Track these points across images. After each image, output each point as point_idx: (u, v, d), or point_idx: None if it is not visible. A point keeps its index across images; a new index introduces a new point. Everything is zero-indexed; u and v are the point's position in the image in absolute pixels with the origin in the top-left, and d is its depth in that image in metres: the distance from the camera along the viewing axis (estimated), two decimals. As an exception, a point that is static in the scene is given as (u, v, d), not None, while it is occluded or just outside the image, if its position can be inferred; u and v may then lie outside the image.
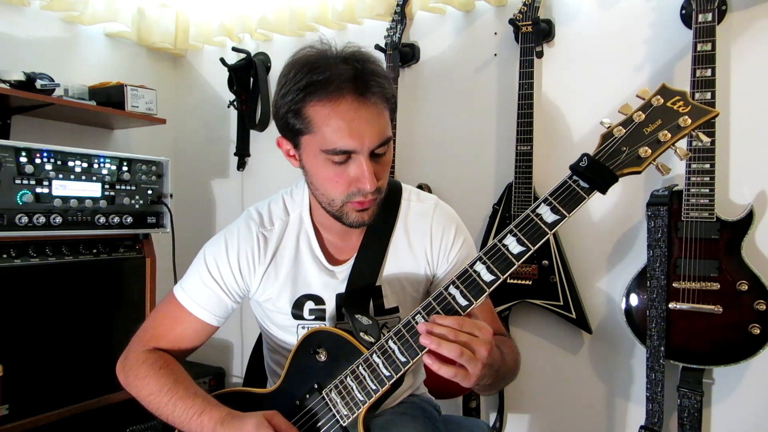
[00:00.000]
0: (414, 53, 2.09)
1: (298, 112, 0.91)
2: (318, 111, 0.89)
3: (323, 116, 0.89)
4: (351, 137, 0.88)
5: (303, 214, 1.09)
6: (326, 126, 0.89)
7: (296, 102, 0.90)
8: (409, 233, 1.09)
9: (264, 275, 1.07)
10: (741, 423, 1.60)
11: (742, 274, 1.46)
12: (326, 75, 0.88)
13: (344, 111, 0.88)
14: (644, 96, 0.81)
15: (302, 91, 0.89)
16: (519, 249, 0.82)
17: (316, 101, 0.89)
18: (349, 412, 0.92)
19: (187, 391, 0.99)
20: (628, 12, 1.75)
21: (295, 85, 0.90)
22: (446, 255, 1.09)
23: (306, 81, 0.89)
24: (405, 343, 0.87)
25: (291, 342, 1.10)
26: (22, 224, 1.59)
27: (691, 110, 0.77)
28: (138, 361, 1.04)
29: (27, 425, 1.61)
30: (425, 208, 1.11)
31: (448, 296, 0.85)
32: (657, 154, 0.78)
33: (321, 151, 0.91)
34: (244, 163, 2.54)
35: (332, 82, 0.87)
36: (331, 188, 0.94)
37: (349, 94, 0.88)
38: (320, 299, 1.07)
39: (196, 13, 2.53)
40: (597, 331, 1.79)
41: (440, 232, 1.09)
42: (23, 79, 1.80)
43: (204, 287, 1.06)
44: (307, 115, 0.90)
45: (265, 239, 1.07)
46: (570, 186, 0.80)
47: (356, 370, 0.92)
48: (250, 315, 1.32)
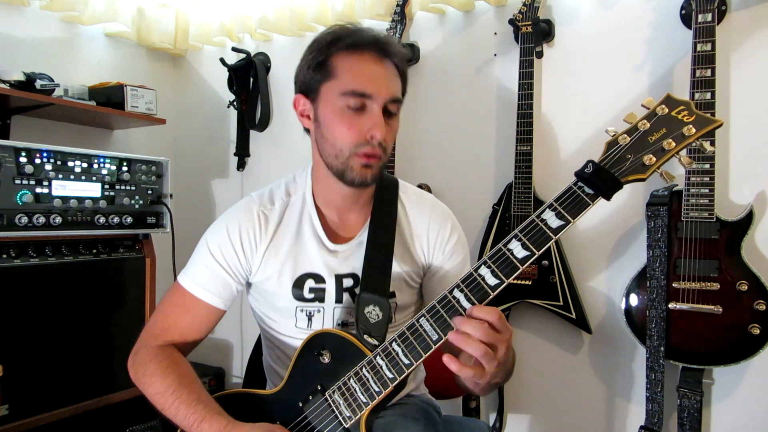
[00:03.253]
0: (414, 53, 2.09)
1: (322, 63, 1.00)
2: (342, 59, 0.99)
3: (347, 63, 0.98)
4: (370, 82, 0.97)
5: (306, 194, 1.12)
6: (348, 71, 0.98)
7: (321, 54, 1.00)
8: (410, 221, 1.13)
9: (265, 253, 1.09)
10: (741, 423, 1.60)
11: (741, 274, 1.46)
12: (352, 33, 1.00)
13: (366, 60, 0.98)
14: (649, 105, 0.82)
15: (328, 44, 1.00)
16: (524, 254, 0.83)
17: (342, 52, 0.99)
18: (351, 414, 0.92)
19: (190, 395, 0.98)
20: (628, 12, 1.75)
21: (321, 43, 1.01)
22: (442, 248, 1.12)
23: (332, 38, 1.00)
24: (409, 346, 0.88)
25: (291, 327, 1.10)
26: (22, 224, 1.59)
27: (696, 119, 0.78)
28: (147, 358, 1.04)
29: (27, 425, 1.61)
30: (423, 199, 1.16)
31: (453, 299, 0.85)
32: (662, 162, 0.79)
33: (340, 94, 0.98)
34: (243, 163, 2.54)
35: (357, 39, 0.99)
36: (342, 136, 0.99)
37: (372, 50, 0.99)
38: (321, 278, 1.08)
39: (196, 13, 2.53)
40: (597, 332, 1.79)
41: (437, 225, 1.13)
42: (23, 79, 1.80)
43: (208, 270, 1.08)
44: (331, 64, 0.99)
45: (266, 217, 1.10)
46: (575, 192, 0.82)
47: (360, 372, 0.92)
48: (250, 315, 1.32)
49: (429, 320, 0.86)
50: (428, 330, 0.86)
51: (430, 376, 1.29)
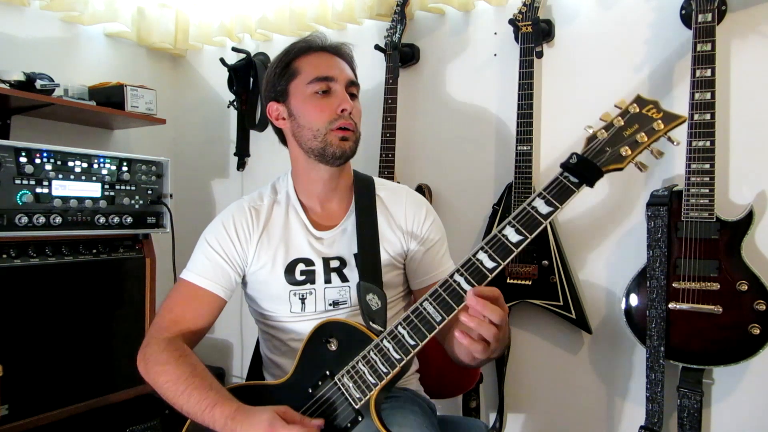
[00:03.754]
0: (414, 53, 2.09)
1: (287, 66, 1.17)
2: (302, 59, 1.17)
3: (306, 60, 1.16)
4: (330, 68, 1.15)
5: (289, 191, 1.25)
6: (309, 65, 1.16)
7: (283, 62, 1.18)
8: (388, 209, 1.24)
9: (258, 243, 1.19)
10: (741, 423, 1.60)
11: (741, 274, 1.46)
12: (306, 39, 1.19)
13: (322, 56, 1.17)
14: (621, 105, 0.91)
15: (287, 53, 1.18)
16: (517, 238, 0.89)
17: (301, 55, 1.17)
18: (361, 395, 0.96)
19: (203, 383, 1.02)
20: (628, 12, 1.75)
21: (281, 57, 1.19)
22: (420, 229, 1.24)
23: (289, 48, 1.19)
24: (414, 328, 0.92)
25: (286, 312, 1.18)
26: (22, 224, 1.59)
27: (663, 116, 0.87)
28: (159, 348, 1.08)
29: (27, 425, 1.61)
30: (398, 189, 1.30)
31: (453, 283, 0.91)
32: (636, 153, 0.88)
33: (307, 84, 1.14)
34: (243, 163, 2.54)
35: (311, 43, 1.18)
36: (317, 118, 1.13)
37: (325, 49, 1.18)
38: (310, 261, 1.19)
39: (196, 13, 2.53)
40: (597, 332, 1.80)
41: (413, 209, 1.25)
42: (23, 79, 1.80)
43: (207, 261, 1.17)
44: (293, 65, 1.17)
45: (256, 211, 1.22)
46: (561, 181, 0.89)
47: (367, 355, 0.96)
48: (250, 315, 1.33)
49: (432, 303, 0.92)
50: (431, 312, 0.91)
51: (428, 376, 1.30)
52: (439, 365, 1.33)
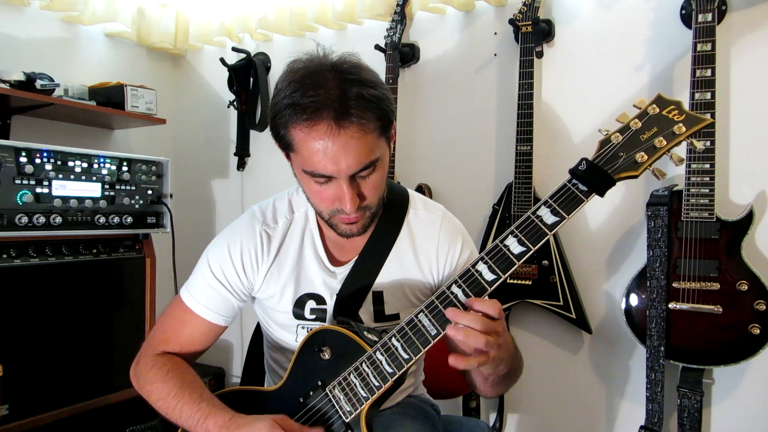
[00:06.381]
0: (414, 53, 2.09)
1: (283, 136, 0.92)
2: (297, 134, 0.89)
3: (301, 139, 0.89)
4: (327, 163, 0.88)
5: (309, 212, 1.10)
6: (306, 149, 0.89)
7: (282, 121, 0.91)
8: (415, 241, 1.09)
9: (267, 273, 1.08)
10: (741, 423, 1.60)
11: (742, 274, 1.46)
12: (308, 98, 0.87)
13: (321, 134, 0.87)
14: (641, 105, 0.83)
15: (286, 109, 0.89)
16: (520, 249, 0.84)
17: (296, 124, 0.88)
18: (352, 409, 0.93)
19: (192, 395, 0.99)
20: (628, 12, 1.75)
21: (282, 101, 0.90)
22: (453, 266, 1.10)
23: (289, 101, 0.89)
24: (408, 341, 0.88)
25: (291, 341, 1.11)
26: (22, 224, 1.59)
27: (686, 118, 0.80)
28: (147, 366, 1.05)
29: (27, 425, 1.61)
30: (433, 217, 1.11)
31: (451, 295, 0.86)
32: (653, 160, 0.80)
33: (302, 171, 0.93)
34: (244, 163, 2.54)
35: (312, 107, 0.86)
36: (317, 203, 0.98)
37: (327, 119, 0.86)
38: (322, 299, 1.08)
39: (196, 13, 2.53)
40: (597, 331, 1.80)
41: (447, 242, 1.10)
42: (23, 79, 1.80)
43: (209, 289, 1.08)
44: (290, 136, 0.91)
45: (268, 237, 1.08)
46: (569, 189, 0.83)
47: (359, 367, 0.92)
48: (250, 315, 1.32)
49: (427, 315, 0.87)
50: (426, 325, 0.87)
51: (430, 375, 1.30)
52: (438, 366, 1.33)
